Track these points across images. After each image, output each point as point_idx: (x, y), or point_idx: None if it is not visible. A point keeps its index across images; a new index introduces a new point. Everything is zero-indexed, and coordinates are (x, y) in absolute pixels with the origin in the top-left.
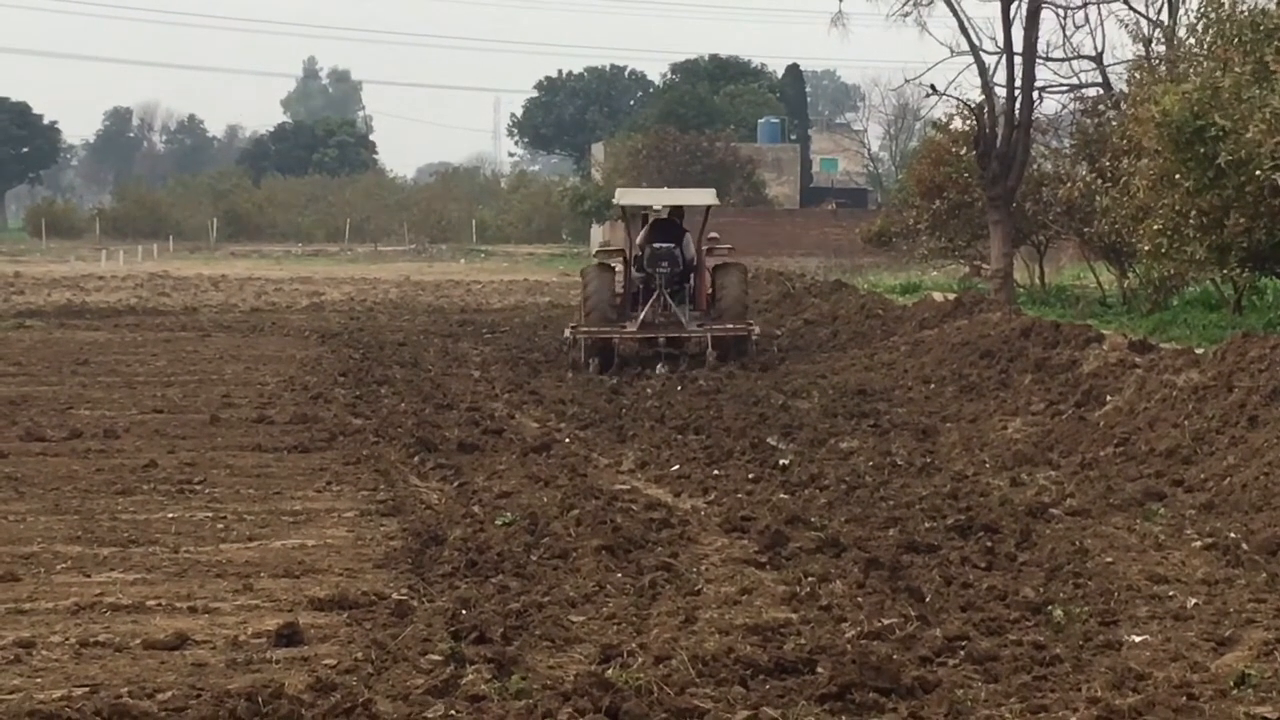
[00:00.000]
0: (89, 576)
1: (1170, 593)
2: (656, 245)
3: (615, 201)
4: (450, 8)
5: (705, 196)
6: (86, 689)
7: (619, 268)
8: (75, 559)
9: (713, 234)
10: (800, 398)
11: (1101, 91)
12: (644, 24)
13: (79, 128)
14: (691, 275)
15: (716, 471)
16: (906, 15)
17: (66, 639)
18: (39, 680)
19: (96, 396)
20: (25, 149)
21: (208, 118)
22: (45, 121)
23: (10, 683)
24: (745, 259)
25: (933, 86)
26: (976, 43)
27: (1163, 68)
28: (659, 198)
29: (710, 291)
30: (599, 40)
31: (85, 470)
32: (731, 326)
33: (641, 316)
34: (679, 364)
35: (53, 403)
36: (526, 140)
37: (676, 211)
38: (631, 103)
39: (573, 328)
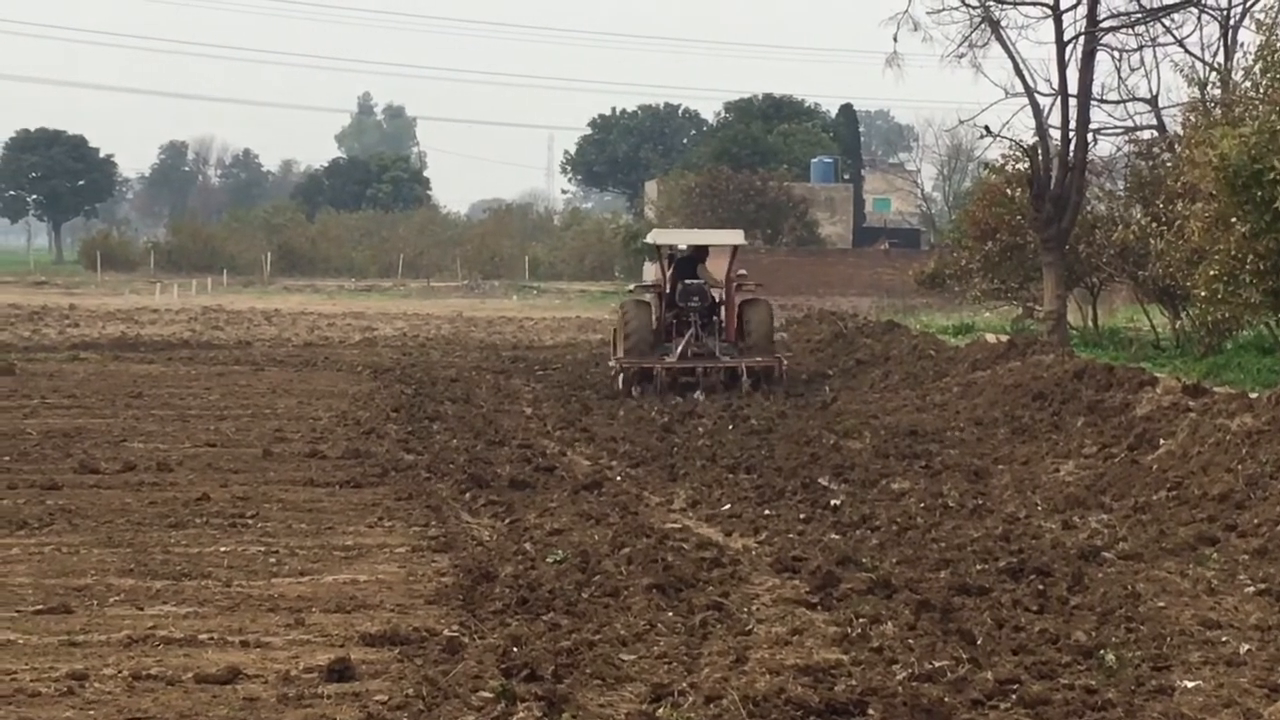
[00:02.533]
0: (141, 609)
1: (1223, 638)
2: (688, 282)
3: (647, 240)
4: (505, 45)
5: (733, 237)
6: None
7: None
8: (128, 592)
9: (741, 271)
10: (852, 438)
11: (1156, 134)
12: (698, 63)
13: (135, 161)
14: (720, 309)
15: (768, 511)
16: (961, 57)
17: (119, 672)
18: (91, 713)
19: (150, 429)
20: (81, 182)
21: (263, 152)
22: (101, 155)
23: (63, 715)
24: (797, 299)
25: (987, 128)
26: (1031, 84)
27: (1218, 111)
28: (689, 238)
29: (738, 324)
30: (653, 78)
31: (138, 503)
32: (762, 359)
33: (680, 349)
34: (715, 391)
35: (106, 435)
36: (580, 177)
37: (700, 251)
38: (685, 141)
39: (617, 359)
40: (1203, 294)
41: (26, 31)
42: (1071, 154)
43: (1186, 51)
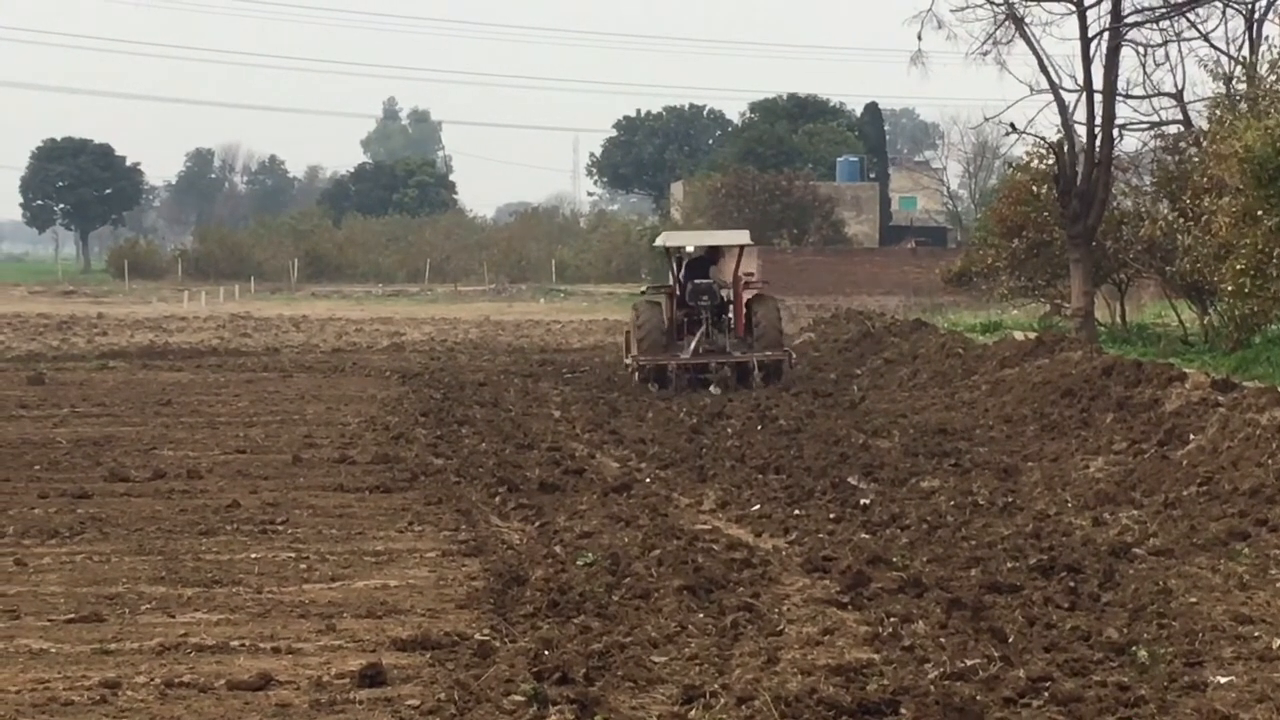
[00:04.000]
0: (173, 617)
1: (1256, 633)
2: (697, 282)
3: (657, 243)
4: (529, 48)
5: (739, 237)
6: None
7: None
8: (159, 599)
9: (749, 270)
10: (881, 437)
11: (1182, 129)
12: (722, 63)
13: (161, 169)
14: (729, 307)
15: (797, 511)
16: (986, 54)
17: (151, 679)
18: None
19: (179, 437)
20: (108, 190)
21: (288, 158)
22: (128, 163)
23: None
24: (824, 298)
25: (1012, 125)
26: (1056, 81)
27: (1244, 104)
28: (698, 239)
29: (747, 321)
30: (678, 80)
31: (169, 511)
32: (771, 353)
33: (692, 345)
34: (728, 384)
35: (136, 443)
36: (605, 180)
37: (710, 252)
38: (710, 142)
39: (633, 356)
40: (1230, 288)
41: (52, 41)
42: (1097, 150)
43: (1211, 46)
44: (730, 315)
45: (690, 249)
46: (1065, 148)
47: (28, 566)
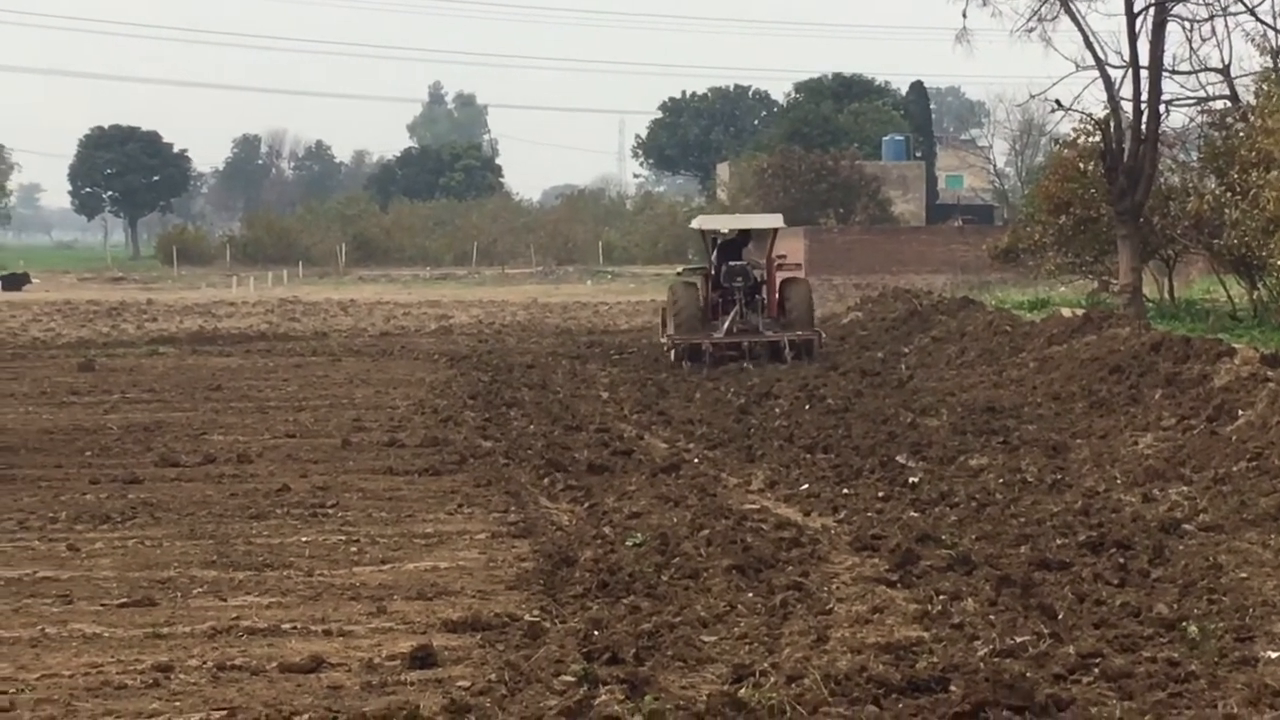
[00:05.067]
0: (224, 600)
1: None
2: (732, 263)
3: (692, 225)
4: (574, 30)
5: (773, 221)
6: (224, 712)
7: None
8: (211, 583)
9: (781, 253)
10: (929, 415)
11: (1229, 104)
12: (767, 43)
13: (208, 155)
14: (762, 288)
15: (846, 490)
16: (1031, 31)
17: (204, 663)
18: (177, 704)
19: (229, 422)
20: (156, 177)
21: (335, 144)
22: (175, 150)
23: (149, 707)
24: (871, 277)
25: (1058, 102)
26: (1102, 57)
27: None
28: (732, 223)
29: (779, 301)
30: (722, 60)
31: (219, 495)
32: (801, 333)
33: (726, 325)
34: (760, 362)
35: (186, 428)
36: (651, 161)
37: (744, 235)
38: (756, 122)
39: (669, 335)
40: (1279, 263)
41: (99, 29)
42: (1144, 126)
43: (1258, 20)
44: (763, 296)
45: (725, 231)
46: (1112, 124)
47: (80, 552)
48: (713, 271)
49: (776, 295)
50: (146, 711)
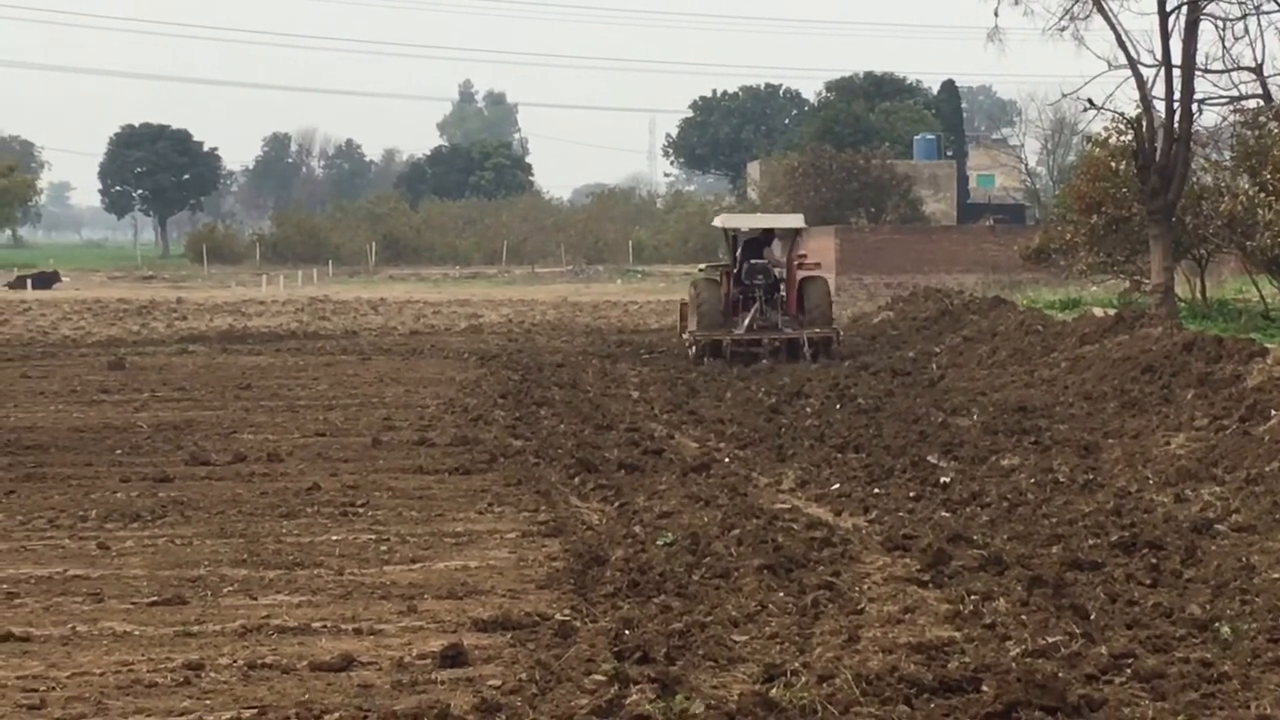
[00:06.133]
0: (255, 599)
1: None
2: (753, 262)
3: (715, 223)
4: (604, 29)
5: (794, 221)
6: (255, 711)
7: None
8: (241, 582)
9: (802, 253)
10: (960, 415)
11: (1262, 103)
12: (798, 42)
13: (238, 154)
14: (782, 286)
15: (877, 490)
16: (1063, 30)
17: (234, 661)
18: (208, 702)
19: (259, 420)
20: (186, 176)
21: (365, 142)
22: (205, 149)
23: (180, 705)
24: (902, 277)
25: (1090, 101)
26: (1134, 56)
27: None
28: (752, 221)
29: (799, 300)
30: (754, 59)
31: (249, 494)
32: (820, 330)
33: (746, 322)
34: (779, 359)
35: (216, 427)
36: (682, 160)
37: (766, 234)
38: (787, 121)
39: (690, 331)
40: None
41: (129, 28)
42: (1176, 125)
43: None
44: (783, 294)
45: (746, 230)
46: (1144, 123)
47: (110, 550)
48: (734, 269)
49: (796, 293)
50: (177, 710)
